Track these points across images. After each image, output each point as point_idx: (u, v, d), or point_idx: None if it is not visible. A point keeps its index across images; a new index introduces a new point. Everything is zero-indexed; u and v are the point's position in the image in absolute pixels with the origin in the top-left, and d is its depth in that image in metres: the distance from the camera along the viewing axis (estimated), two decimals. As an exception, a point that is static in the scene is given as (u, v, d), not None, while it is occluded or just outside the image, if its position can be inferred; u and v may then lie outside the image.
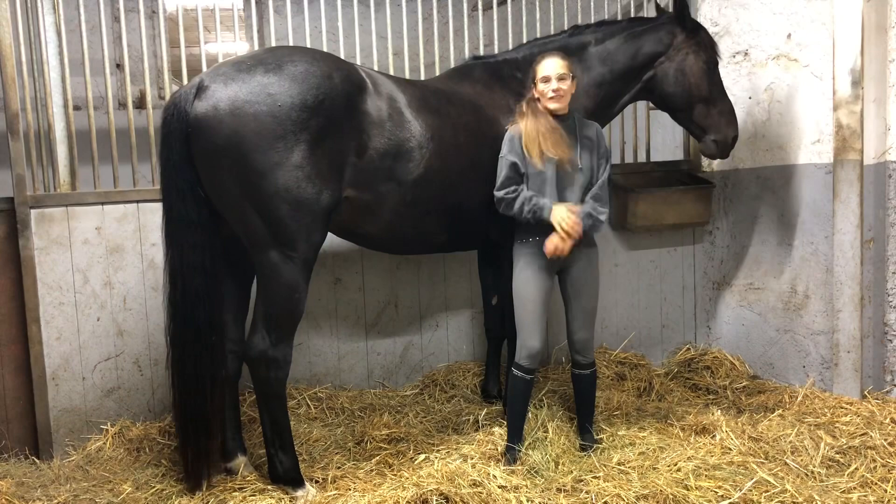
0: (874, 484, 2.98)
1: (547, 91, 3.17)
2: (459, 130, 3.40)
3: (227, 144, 2.81)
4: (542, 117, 3.20)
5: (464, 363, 4.46)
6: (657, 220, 4.46)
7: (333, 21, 4.52)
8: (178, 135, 2.87)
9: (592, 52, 3.78)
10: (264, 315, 3.00)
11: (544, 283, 3.24)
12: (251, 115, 2.81)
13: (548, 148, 3.13)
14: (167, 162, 2.92)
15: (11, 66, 3.58)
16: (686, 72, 3.76)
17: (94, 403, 3.82)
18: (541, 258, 3.19)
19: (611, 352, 4.60)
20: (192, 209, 2.92)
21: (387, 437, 3.57)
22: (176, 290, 2.96)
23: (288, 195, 2.87)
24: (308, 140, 2.88)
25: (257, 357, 3.00)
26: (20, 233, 3.62)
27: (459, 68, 3.88)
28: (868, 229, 3.88)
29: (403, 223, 3.36)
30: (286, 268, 2.95)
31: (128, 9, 5.69)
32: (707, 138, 3.85)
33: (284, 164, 2.84)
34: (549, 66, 3.19)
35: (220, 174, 2.88)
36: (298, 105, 2.86)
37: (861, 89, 3.79)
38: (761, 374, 4.49)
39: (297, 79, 2.90)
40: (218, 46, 4.33)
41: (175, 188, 2.92)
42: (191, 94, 2.86)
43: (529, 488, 2.95)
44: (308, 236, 2.98)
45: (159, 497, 3.13)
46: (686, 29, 3.78)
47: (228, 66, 2.94)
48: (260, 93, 2.83)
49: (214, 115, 2.81)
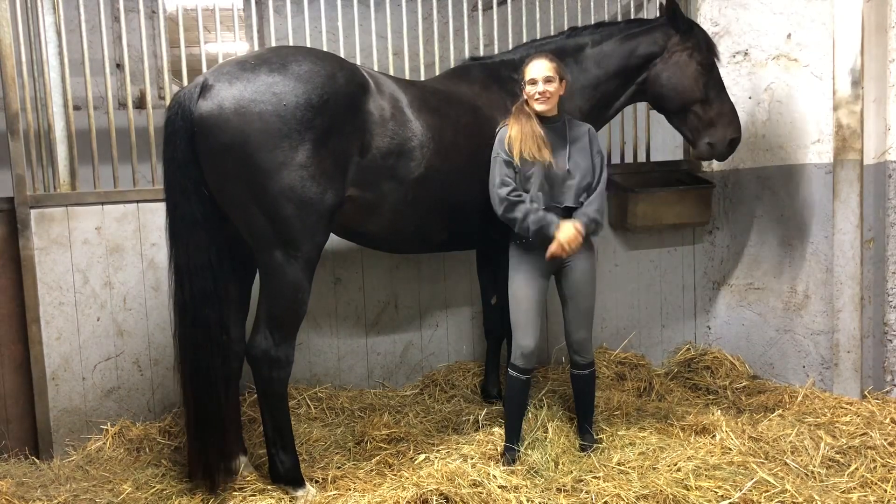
0: (874, 484, 2.98)
1: (533, 93, 3.19)
2: (459, 130, 3.42)
3: (233, 143, 2.80)
4: (526, 120, 3.21)
5: (464, 363, 4.46)
6: (657, 220, 4.46)
7: (333, 21, 4.51)
8: (183, 134, 2.86)
9: (589, 53, 3.78)
10: (267, 314, 3.00)
11: (539, 283, 3.24)
12: (256, 115, 2.81)
13: (528, 150, 3.14)
14: (171, 161, 2.91)
15: (11, 66, 3.58)
16: (679, 73, 3.71)
17: (94, 403, 3.82)
18: (536, 259, 3.20)
19: (611, 352, 4.60)
20: (197, 208, 2.92)
21: (387, 437, 3.57)
22: (183, 291, 2.95)
23: (293, 194, 2.87)
24: (313, 139, 2.88)
25: (260, 357, 3.00)
26: (20, 233, 3.62)
27: (457, 69, 3.89)
28: (868, 229, 3.88)
29: (404, 222, 3.37)
30: (290, 267, 2.95)
31: (128, 9, 5.69)
32: (702, 141, 3.79)
33: (289, 164, 2.84)
34: (536, 68, 3.20)
35: (224, 173, 2.88)
36: (303, 104, 2.86)
37: (861, 89, 3.79)
38: (761, 374, 4.49)
39: (301, 78, 2.90)
40: (218, 46, 4.33)
41: (179, 187, 2.92)
42: (195, 92, 2.86)
43: (529, 488, 2.95)
44: (312, 236, 2.98)
45: (159, 497, 3.13)
46: (679, 30, 3.74)
47: (232, 65, 2.94)
48: (265, 92, 2.83)
49: (220, 114, 2.81)
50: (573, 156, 3.23)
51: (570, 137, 3.27)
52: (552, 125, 3.25)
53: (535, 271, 3.23)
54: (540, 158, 3.14)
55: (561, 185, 3.20)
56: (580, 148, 3.26)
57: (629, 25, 3.87)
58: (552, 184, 3.19)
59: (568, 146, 3.24)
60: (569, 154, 3.23)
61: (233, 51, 5.15)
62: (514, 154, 3.16)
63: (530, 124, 3.19)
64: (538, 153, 3.14)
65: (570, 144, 3.25)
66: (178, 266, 2.96)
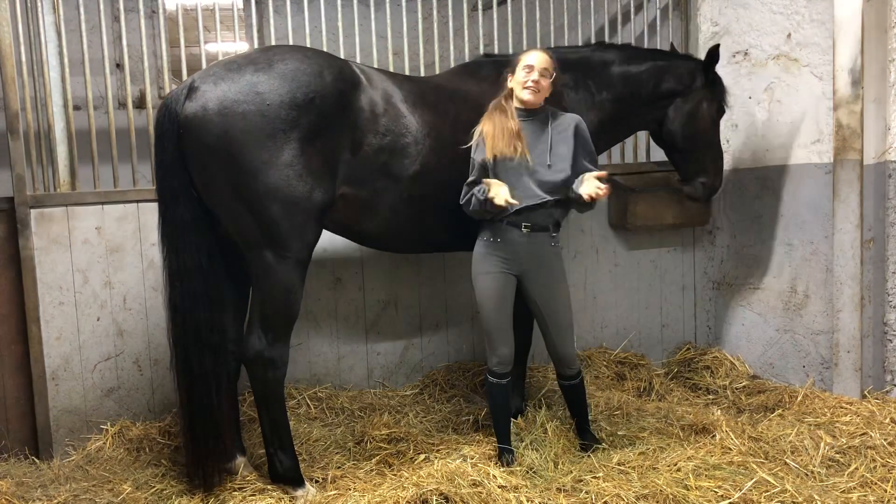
0: (874, 484, 2.97)
1: (526, 80, 3.13)
2: (459, 128, 3.35)
3: (217, 144, 2.81)
4: (500, 115, 3.15)
5: (464, 363, 4.46)
6: (657, 220, 4.46)
7: (333, 21, 4.51)
8: (170, 136, 2.88)
9: (616, 70, 3.81)
10: (260, 315, 3.00)
11: (507, 282, 3.18)
12: (240, 115, 2.81)
13: (499, 148, 3.08)
14: (161, 163, 2.93)
15: (11, 65, 3.58)
16: (697, 116, 3.87)
17: (94, 403, 3.82)
18: (501, 257, 3.15)
19: (611, 352, 4.60)
20: (187, 210, 2.93)
21: (387, 437, 3.57)
22: (175, 292, 2.96)
23: (279, 194, 2.86)
24: (298, 138, 2.88)
25: (254, 357, 3.00)
26: (20, 233, 3.62)
27: (468, 65, 3.86)
28: (868, 229, 3.87)
29: (402, 221, 3.34)
30: (280, 267, 2.95)
31: (128, 8, 5.68)
32: (697, 180, 3.97)
33: (275, 163, 2.84)
34: (535, 57, 3.16)
35: (211, 174, 2.88)
36: (287, 103, 2.86)
37: (861, 89, 3.78)
38: (761, 373, 4.48)
39: (286, 77, 2.90)
40: (218, 46, 4.34)
41: (169, 189, 2.93)
42: (182, 95, 2.87)
43: (529, 488, 2.95)
44: (301, 235, 2.97)
45: (159, 497, 3.13)
46: (707, 77, 3.89)
47: (220, 66, 2.95)
48: (248, 92, 2.83)
49: (203, 116, 2.81)
50: (555, 147, 3.16)
51: (553, 129, 3.20)
52: (534, 118, 3.19)
53: (498, 274, 3.16)
54: (511, 153, 3.07)
55: (543, 179, 3.12)
56: (563, 140, 3.18)
57: (654, 54, 4.00)
58: (534, 179, 3.12)
59: (550, 138, 3.17)
60: (550, 146, 3.16)
61: (233, 51, 5.15)
62: (488, 150, 3.10)
63: (503, 120, 3.13)
64: (510, 149, 3.08)
65: (553, 137, 3.18)
66: (170, 268, 2.97)
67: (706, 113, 3.89)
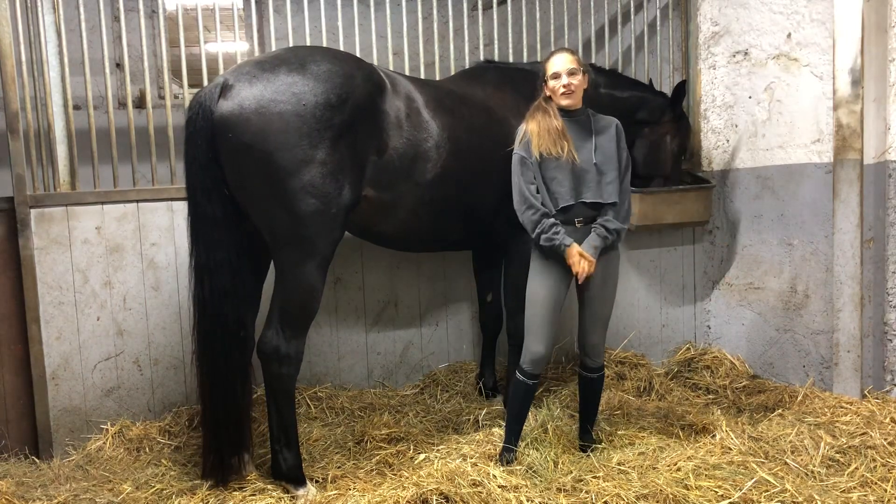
0: (874, 483, 2.97)
1: (558, 87, 3.13)
2: (473, 131, 3.47)
3: (253, 143, 2.83)
4: (543, 115, 3.15)
5: (464, 363, 4.46)
6: (657, 219, 4.46)
7: (333, 20, 4.51)
8: (204, 133, 2.89)
9: (603, 92, 4.01)
10: (280, 311, 3.03)
11: (558, 289, 3.18)
12: (277, 114, 2.83)
13: (546, 146, 3.09)
14: (193, 161, 2.94)
15: (11, 65, 3.58)
16: (661, 147, 4.22)
17: (94, 403, 3.82)
18: (557, 263, 3.15)
19: (611, 351, 4.59)
20: (217, 207, 2.95)
21: (387, 436, 3.57)
22: (203, 288, 2.99)
23: (313, 190, 2.89)
24: (332, 138, 2.91)
25: (270, 352, 3.02)
26: (20, 232, 3.62)
27: (471, 70, 3.97)
28: (868, 229, 3.87)
29: (419, 222, 3.41)
30: (306, 265, 2.98)
31: (128, 8, 5.68)
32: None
33: (309, 161, 2.87)
34: (559, 61, 3.15)
35: (246, 172, 2.90)
36: (323, 104, 2.89)
37: (861, 89, 3.78)
38: (761, 373, 4.48)
39: (320, 78, 2.93)
40: (218, 46, 4.33)
41: (200, 186, 2.95)
42: (215, 92, 2.88)
43: (529, 488, 2.95)
44: (329, 234, 3.01)
45: (159, 497, 3.13)
46: (675, 113, 4.24)
47: (251, 65, 2.97)
48: (285, 92, 2.86)
49: (240, 114, 2.84)
50: (600, 149, 3.16)
51: (596, 130, 3.19)
52: (576, 119, 3.18)
53: (555, 276, 3.17)
54: (559, 153, 3.08)
55: (588, 180, 3.12)
56: (607, 141, 3.18)
57: (636, 85, 4.30)
58: (579, 179, 3.12)
59: (594, 139, 3.17)
60: (595, 147, 3.15)
61: (233, 51, 5.15)
62: (533, 150, 3.11)
63: (548, 119, 3.13)
64: (556, 148, 3.08)
65: (597, 137, 3.17)
66: (199, 263, 3.00)
67: (668, 146, 4.22)
